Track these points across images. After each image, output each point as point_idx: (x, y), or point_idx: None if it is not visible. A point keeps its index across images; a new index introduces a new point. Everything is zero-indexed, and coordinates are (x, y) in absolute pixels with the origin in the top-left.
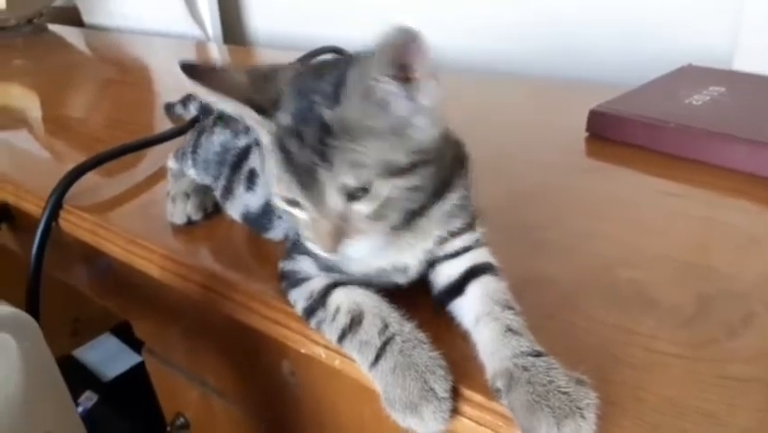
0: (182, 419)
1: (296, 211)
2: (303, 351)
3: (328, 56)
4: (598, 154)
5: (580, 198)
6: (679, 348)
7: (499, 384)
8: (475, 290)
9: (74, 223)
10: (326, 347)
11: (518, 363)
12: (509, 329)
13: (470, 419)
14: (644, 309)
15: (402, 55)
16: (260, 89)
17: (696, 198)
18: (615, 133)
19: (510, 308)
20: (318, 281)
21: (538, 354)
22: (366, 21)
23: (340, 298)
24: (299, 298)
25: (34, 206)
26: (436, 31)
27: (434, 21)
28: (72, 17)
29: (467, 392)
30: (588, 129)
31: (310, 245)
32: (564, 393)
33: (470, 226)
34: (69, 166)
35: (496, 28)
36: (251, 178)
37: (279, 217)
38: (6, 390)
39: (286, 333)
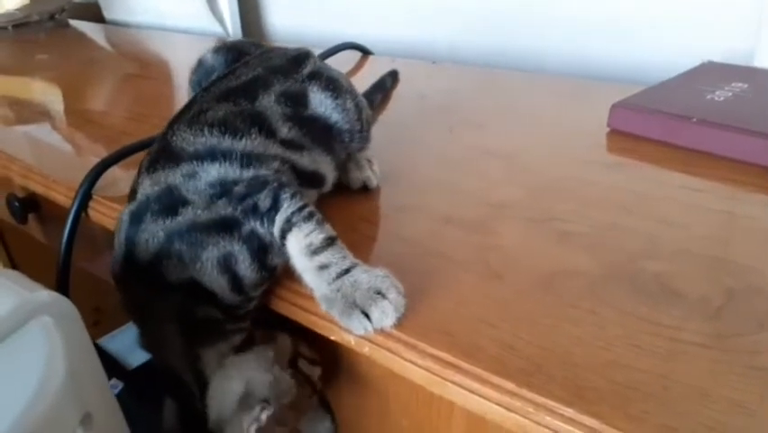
0: None
1: None
2: (333, 338)
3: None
4: (619, 149)
5: (603, 193)
6: (706, 339)
7: (324, 307)
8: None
9: (103, 213)
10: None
11: (331, 287)
12: (319, 267)
13: (499, 405)
14: (670, 301)
15: None
16: None
17: (718, 193)
18: (636, 128)
19: (314, 252)
20: None
21: (346, 272)
22: (384, 17)
23: None
24: None
25: (63, 196)
26: (455, 27)
27: (453, 16)
28: (93, 13)
29: (496, 379)
30: (609, 124)
31: None
32: (367, 288)
33: None
34: (94, 158)
35: (515, 25)
36: None
37: None
38: (49, 372)
39: (314, 319)
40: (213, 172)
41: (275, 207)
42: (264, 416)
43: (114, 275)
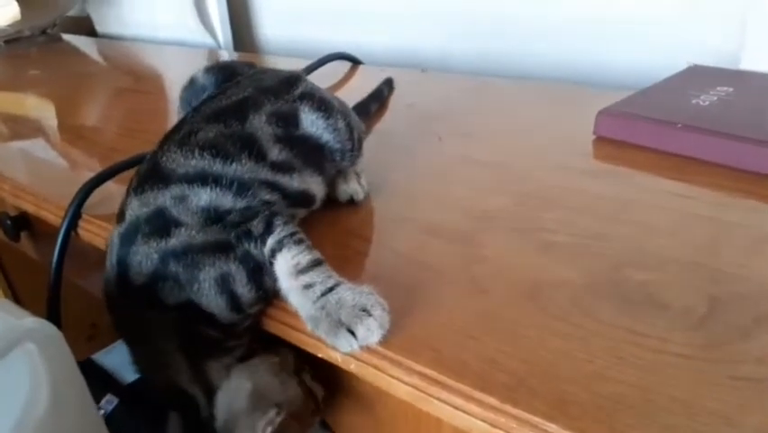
0: None
1: None
2: (320, 355)
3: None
4: (605, 156)
5: (588, 200)
6: (690, 350)
7: (310, 327)
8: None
9: (93, 232)
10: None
11: (316, 306)
12: (304, 286)
13: (484, 421)
14: (655, 311)
15: None
16: None
17: (704, 199)
18: (622, 134)
19: (300, 272)
20: None
21: (330, 290)
22: (375, 27)
23: None
24: None
25: (53, 215)
26: (442, 34)
27: (440, 24)
28: (86, 27)
29: (480, 395)
30: (595, 131)
31: None
32: (352, 306)
33: None
34: (87, 175)
35: (500, 31)
36: None
37: None
38: (32, 399)
39: (302, 338)
40: (204, 197)
41: (268, 230)
42: (279, 419)
43: (107, 297)
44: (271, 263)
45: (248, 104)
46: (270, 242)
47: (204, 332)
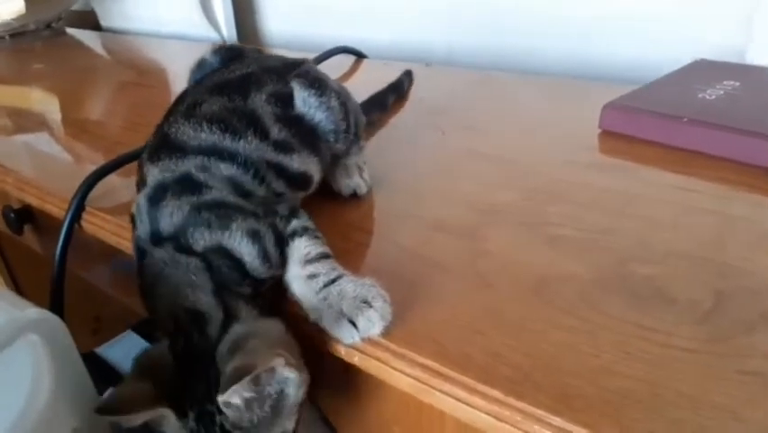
0: None
1: None
2: (324, 348)
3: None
4: (611, 150)
5: (594, 195)
6: (696, 344)
7: (312, 318)
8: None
9: (96, 224)
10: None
11: (319, 297)
12: (308, 276)
13: (488, 414)
14: (661, 305)
15: None
16: None
17: (710, 193)
18: (628, 128)
19: (308, 262)
20: None
21: (333, 282)
22: (379, 22)
23: None
24: None
25: (57, 208)
26: (447, 28)
27: (445, 19)
28: (90, 21)
29: (484, 388)
30: (600, 125)
31: None
32: (353, 298)
33: None
34: (90, 168)
35: (505, 25)
36: None
37: None
38: (35, 389)
39: (307, 328)
40: (224, 170)
41: (293, 214)
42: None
43: (138, 254)
44: (288, 244)
45: (251, 80)
46: (295, 223)
47: (233, 279)
